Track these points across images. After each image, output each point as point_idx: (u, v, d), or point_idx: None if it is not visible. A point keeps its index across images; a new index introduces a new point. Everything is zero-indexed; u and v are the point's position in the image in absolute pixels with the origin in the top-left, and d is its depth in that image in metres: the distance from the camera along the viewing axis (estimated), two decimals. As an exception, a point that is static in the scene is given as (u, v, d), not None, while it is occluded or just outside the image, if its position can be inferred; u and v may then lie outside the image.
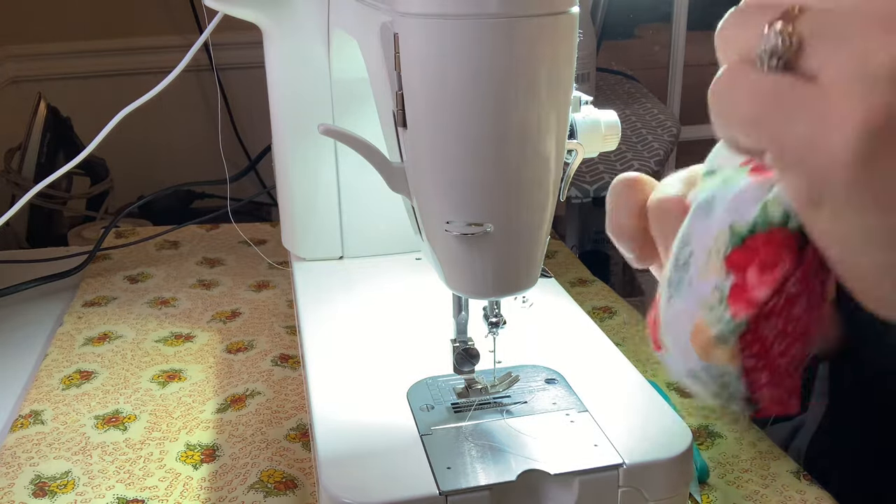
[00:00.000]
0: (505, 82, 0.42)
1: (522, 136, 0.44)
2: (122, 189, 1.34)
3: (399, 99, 0.45)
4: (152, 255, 1.01)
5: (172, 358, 0.78)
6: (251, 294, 0.91)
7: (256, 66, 0.81)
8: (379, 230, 0.77)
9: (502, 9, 0.41)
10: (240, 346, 0.80)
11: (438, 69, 0.43)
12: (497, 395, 0.56)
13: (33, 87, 1.37)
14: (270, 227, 1.08)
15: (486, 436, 0.52)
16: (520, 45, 0.42)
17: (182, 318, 0.85)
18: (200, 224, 1.08)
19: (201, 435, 0.66)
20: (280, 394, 0.72)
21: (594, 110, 0.56)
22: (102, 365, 0.76)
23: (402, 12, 0.43)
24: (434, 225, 0.48)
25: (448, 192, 0.46)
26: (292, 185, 0.77)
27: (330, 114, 0.73)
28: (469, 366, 0.55)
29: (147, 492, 0.60)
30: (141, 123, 0.89)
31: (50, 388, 0.73)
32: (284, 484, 0.61)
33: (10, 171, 1.23)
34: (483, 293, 0.49)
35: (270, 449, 0.65)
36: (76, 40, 1.45)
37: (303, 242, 0.78)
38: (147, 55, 1.41)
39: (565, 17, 0.43)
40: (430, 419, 0.54)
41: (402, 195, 0.51)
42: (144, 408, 0.70)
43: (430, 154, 0.46)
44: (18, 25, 1.42)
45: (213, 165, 0.92)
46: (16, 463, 0.63)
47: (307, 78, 0.72)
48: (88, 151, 0.77)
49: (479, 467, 0.49)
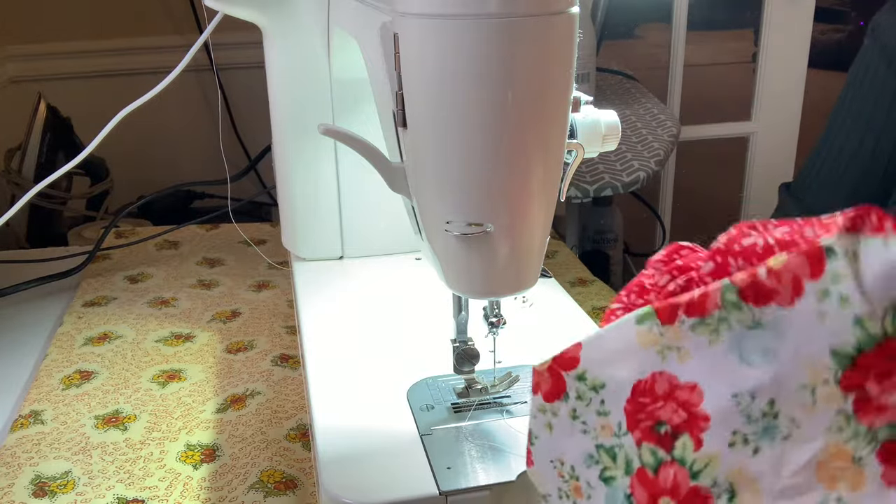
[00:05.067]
0: (505, 82, 0.42)
1: (522, 136, 0.44)
2: (122, 189, 1.34)
3: (399, 99, 0.45)
4: (152, 255, 1.01)
5: (172, 358, 0.78)
6: (251, 294, 0.91)
7: (256, 66, 0.81)
8: (379, 230, 0.77)
9: (502, 9, 0.41)
10: (240, 346, 0.80)
11: (438, 69, 0.43)
12: (497, 395, 0.56)
13: (33, 87, 1.36)
14: (270, 227, 1.08)
15: (486, 436, 0.52)
16: (520, 45, 0.42)
17: (182, 318, 0.85)
18: (200, 224, 1.08)
19: (201, 435, 0.66)
20: (280, 394, 0.72)
21: (594, 110, 0.56)
22: (102, 365, 0.76)
23: (402, 12, 0.43)
24: (434, 225, 0.48)
25: (448, 192, 0.46)
26: (292, 185, 0.77)
27: (330, 114, 0.73)
28: (469, 366, 0.55)
29: (147, 492, 0.60)
30: (141, 123, 0.89)
31: (50, 388, 0.73)
32: (284, 484, 0.61)
33: (10, 171, 1.23)
34: (483, 293, 0.49)
35: (270, 449, 0.65)
36: (76, 40, 1.44)
37: (303, 242, 0.78)
38: (147, 55, 1.41)
39: (565, 17, 0.43)
40: (430, 419, 0.54)
41: (402, 195, 0.51)
42: (144, 408, 0.70)
43: (430, 154, 0.46)
44: (18, 25, 1.42)
45: (213, 165, 0.92)
46: (16, 463, 0.63)
47: (307, 78, 0.72)
48: (88, 151, 0.77)
49: (479, 467, 0.49)
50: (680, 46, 1.77)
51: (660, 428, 0.33)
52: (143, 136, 1.35)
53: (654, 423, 0.33)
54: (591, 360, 0.35)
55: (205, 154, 1.18)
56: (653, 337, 0.32)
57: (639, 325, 0.33)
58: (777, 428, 0.31)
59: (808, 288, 0.29)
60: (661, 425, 0.33)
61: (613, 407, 0.35)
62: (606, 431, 0.36)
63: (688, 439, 0.33)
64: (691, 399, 0.32)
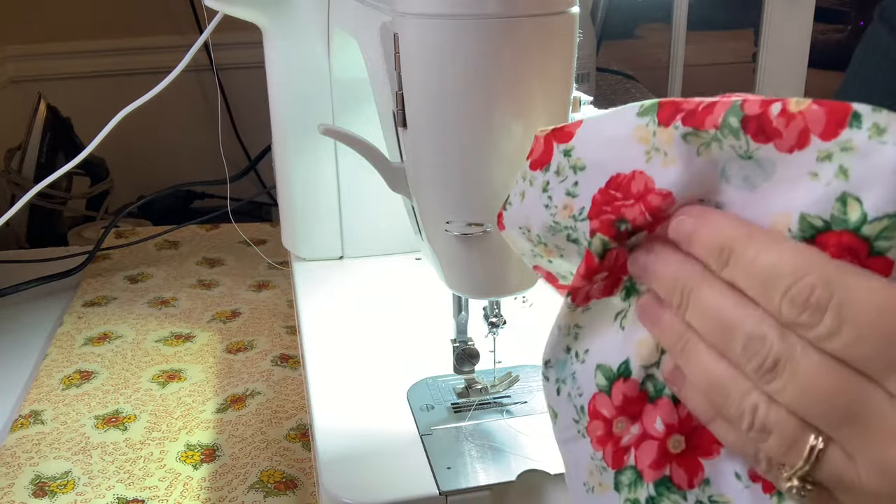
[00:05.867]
0: (504, 82, 0.42)
1: (522, 136, 0.44)
2: (122, 189, 1.34)
3: (399, 99, 0.45)
4: (152, 255, 1.01)
5: (172, 358, 0.78)
6: (251, 294, 0.91)
7: (256, 66, 0.81)
8: (379, 230, 0.77)
9: (502, 9, 0.41)
10: (240, 346, 0.80)
11: (438, 69, 0.43)
12: (497, 395, 0.56)
13: (33, 87, 1.36)
14: (270, 227, 1.08)
15: (486, 436, 0.52)
16: (519, 45, 0.42)
17: (182, 318, 0.85)
18: (200, 224, 1.08)
19: (201, 435, 0.66)
20: (280, 394, 0.72)
21: (594, 110, 0.56)
22: (102, 365, 0.76)
23: (401, 12, 0.43)
24: (434, 225, 0.48)
25: (448, 192, 0.46)
26: (292, 185, 0.77)
27: (330, 114, 0.73)
28: (469, 366, 0.55)
29: (147, 492, 0.60)
30: (141, 123, 0.89)
31: (50, 388, 0.73)
32: (284, 484, 0.61)
33: (10, 171, 1.23)
34: (483, 293, 0.49)
35: (270, 449, 0.65)
36: (76, 40, 1.44)
37: (303, 242, 0.78)
38: (147, 55, 1.41)
39: (565, 17, 0.43)
40: (430, 419, 0.54)
41: (402, 195, 0.51)
42: (144, 408, 0.70)
43: (430, 154, 0.46)
44: (18, 25, 1.42)
45: (213, 165, 0.92)
46: (16, 463, 0.63)
47: (307, 78, 0.72)
48: (88, 151, 0.77)
49: (479, 467, 0.49)
50: (680, 46, 1.77)
51: (620, 224, 0.32)
52: (143, 136, 1.35)
53: (616, 219, 0.32)
54: (583, 139, 0.34)
55: (205, 154, 1.18)
56: (646, 134, 0.32)
57: (639, 117, 0.32)
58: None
59: (813, 143, 0.27)
60: (623, 222, 0.32)
61: (584, 191, 0.34)
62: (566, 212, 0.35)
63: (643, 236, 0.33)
64: (661, 205, 0.31)
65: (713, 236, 0.29)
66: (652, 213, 0.31)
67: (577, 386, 0.37)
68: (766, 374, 0.27)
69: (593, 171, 0.34)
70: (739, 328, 0.27)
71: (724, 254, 0.28)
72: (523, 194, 0.37)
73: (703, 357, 0.29)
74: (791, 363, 0.26)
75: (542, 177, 0.36)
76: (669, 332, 0.31)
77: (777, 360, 0.26)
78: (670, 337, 0.31)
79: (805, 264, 0.26)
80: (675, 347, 0.31)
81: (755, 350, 0.27)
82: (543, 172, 0.36)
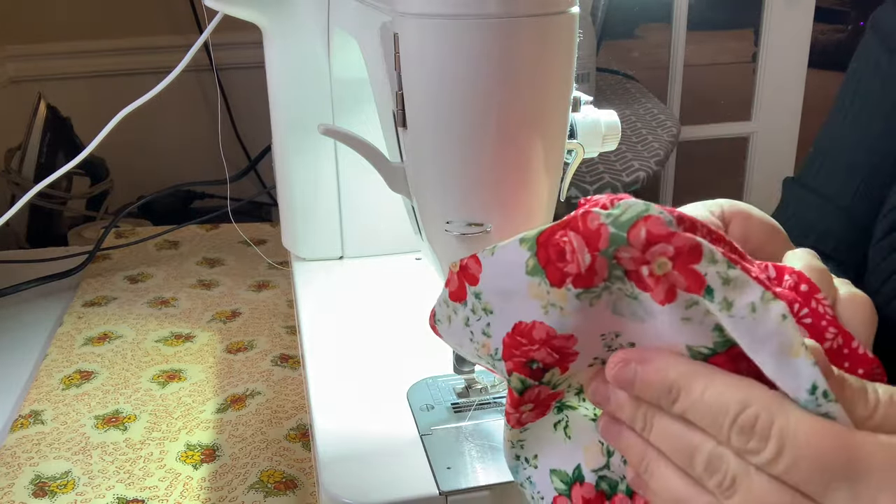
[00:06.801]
0: (504, 82, 0.42)
1: (522, 136, 0.44)
2: (122, 189, 1.34)
3: (399, 99, 0.45)
4: (152, 255, 1.01)
5: (172, 358, 0.78)
6: (251, 294, 0.91)
7: (256, 66, 0.81)
8: (379, 230, 0.77)
9: (502, 9, 0.41)
10: (240, 346, 0.80)
11: (438, 69, 0.43)
12: (497, 395, 0.56)
13: (33, 87, 1.37)
14: (270, 227, 1.08)
15: (486, 436, 0.52)
16: (519, 45, 0.42)
17: (182, 318, 0.85)
18: (200, 224, 1.08)
19: (201, 435, 0.66)
20: (280, 394, 0.72)
21: (594, 110, 0.56)
22: (102, 365, 0.76)
23: (401, 12, 0.43)
24: (434, 225, 0.48)
25: (448, 192, 0.46)
26: (292, 185, 0.77)
27: (330, 114, 0.73)
28: (469, 366, 0.55)
29: (147, 492, 0.60)
30: (141, 123, 0.89)
31: (50, 388, 0.73)
32: (284, 484, 0.61)
33: (10, 171, 1.23)
34: (483, 293, 0.49)
35: (270, 449, 0.65)
36: (76, 40, 1.45)
37: (303, 242, 0.78)
38: (147, 55, 1.41)
39: (565, 17, 0.43)
40: (430, 419, 0.54)
41: (402, 195, 0.51)
42: (144, 408, 0.70)
43: (430, 154, 0.46)
44: (18, 25, 1.42)
45: (213, 165, 0.92)
46: (16, 463, 0.63)
47: (307, 78, 0.72)
48: (88, 151, 0.77)
49: (479, 467, 0.49)
50: (680, 46, 1.78)
51: (532, 364, 0.36)
52: (143, 136, 1.35)
53: (526, 360, 0.36)
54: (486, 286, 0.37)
55: (205, 154, 1.18)
56: (540, 292, 0.34)
57: (529, 276, 0.34)
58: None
59: (680, 297, 0.31)
60: (534, 363, 0.36)
61: (496, 332, 0.37)
62: (485, 350, 0.38)
63: (557, 371, 0.36)
64: (566, 346, 0.35)
65: (658, 378, 0.32)
66: (558, 352, 0.35)
67: (536, 490, 0.40)
68: (727, 490, 0.30)
69: (500, 317, 0.37)
70: (702, 450, 0.31)
71: (672, 393, 0.32)
72: (450, 319, 0.39)
73: (666, 474, 0.33)
74: (746, 480, 0.30)
75: (463, 311, 0.38)
76: (633, 450, 0.35)
77: (735, 478, 0.30)
78: (634, 455, 0.35)
79: (748, 396, 0.30)
80: (639, 465, 0.34)
81: (715, 468, 0.30)
82: (463, 306, 0.38)
